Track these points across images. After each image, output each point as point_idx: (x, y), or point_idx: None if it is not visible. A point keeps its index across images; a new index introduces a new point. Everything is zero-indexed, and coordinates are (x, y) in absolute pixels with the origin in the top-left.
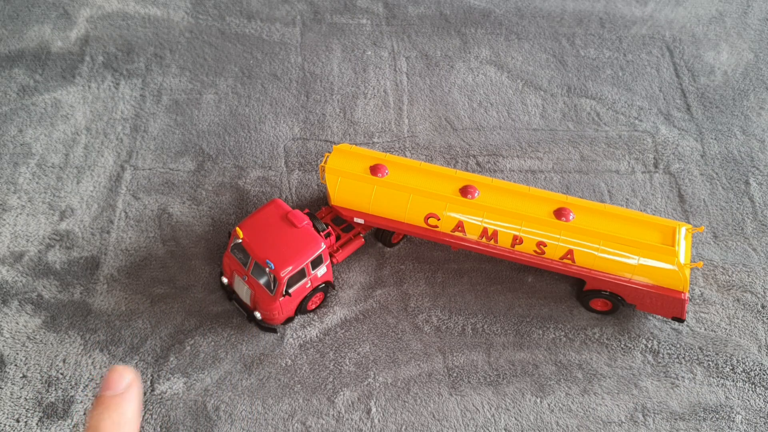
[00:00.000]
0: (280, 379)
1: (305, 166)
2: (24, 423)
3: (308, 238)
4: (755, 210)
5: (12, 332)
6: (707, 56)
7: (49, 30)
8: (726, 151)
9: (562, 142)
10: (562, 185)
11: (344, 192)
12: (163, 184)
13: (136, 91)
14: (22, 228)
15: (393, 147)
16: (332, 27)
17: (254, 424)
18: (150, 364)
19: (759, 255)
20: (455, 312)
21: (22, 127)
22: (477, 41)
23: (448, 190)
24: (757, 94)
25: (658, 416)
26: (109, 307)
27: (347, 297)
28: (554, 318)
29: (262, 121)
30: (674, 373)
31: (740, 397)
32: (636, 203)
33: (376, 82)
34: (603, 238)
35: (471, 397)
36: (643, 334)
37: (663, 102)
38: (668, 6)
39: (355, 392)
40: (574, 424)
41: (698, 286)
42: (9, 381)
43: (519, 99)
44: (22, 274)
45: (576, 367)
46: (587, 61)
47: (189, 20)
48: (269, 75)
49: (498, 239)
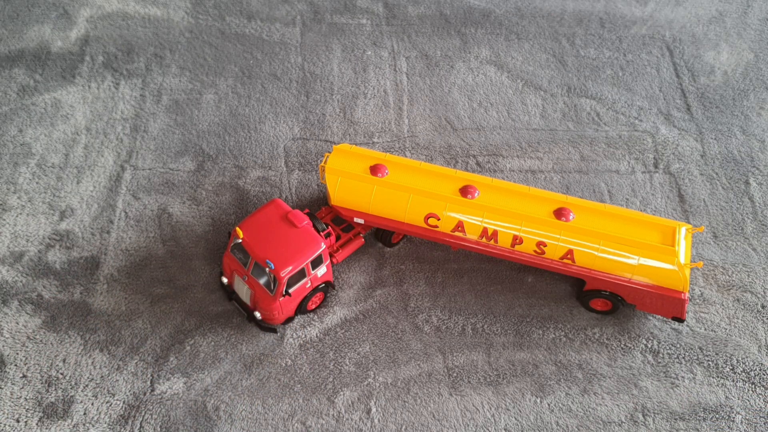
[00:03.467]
0: (280, 379)
1: (305, 166)
2: (24, 423)
3: (308, 238)
4: (755, 210)
5: (12, 332)
6: (707, 56)
7: (49, 30)
8: (726, 151)
9: (562, 142)
10: (562, 185)
11: (344, 192)
12: (163, 184)
13: (136, 91)
14: (22, 228)
15: (393, 147)
16: (332, 27)
17: (254, 424)
18: (150, 364)
19: (759, 255)
20: (455, 312)
21: (22, 127)
22: (477, 41)
23: (448, 190)
24: (757, 94)
25: (658, 416)
26: (109, 307)
27: (347, 297)
28: (554, 318)
29: (262, 121)
30: (674, 373)
31: (740, 397)
32: (636, 203)
33: (376, 82)
34: (603, 238)
35: (471, 397)
36: (643, 334)
37: (663, 102)
38: (668, 6)
39: (355, 392)
40: (574, 424)
41: (698, 286)
42: (9, 381)
43: (519, 99)
44: (22, 274)
45: (576, 367)
46: (587, 61)
47: (189, 20)
48: (269, 75)
49: (498, 239)
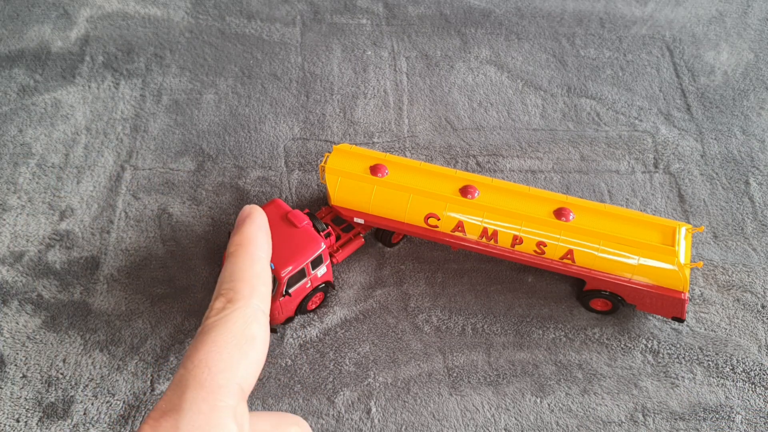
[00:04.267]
0: (280, 379)
1: (305, 166)
2: (24, 423)
3: (308, 238)
4: (755, 210)
5: (12, 332)
6: (707, 56)
7: (49, 30)
8: (726, 151)
9: (562, 142)
10: (562, 185)
11: (344, 192)
12: (163, 184)
13: (136, 91)
14: (22, 228)
15: (393, 147)
16: (332, 27)
17: None
18: (150, 364)
19: (759, 255)
20: (455, 312)
21: (22, 127)
22: (477, 41)
23: (448, 190)
24: (757, 94)
25: (658, 416)
26: (109, 307)
27: (347, 297)
28: (554, 318)
29: (262, 121)
30: (674, 373)
31: (740, 397)
32: (636, 203)
33: (376, 82)
34: (603, 238)
35: (471, 397)
36: (643, 334)
37: (663, 102)
38: (668, 6)
39: (355, 392)
40: (574, 424)
41: (698, 286)
42: (9, 381)
43: (519, 99)
44: (22, 274)
45: (576, 367)
46: (587, 61)
47: (189, 20)
48: (269, 75)
49: (498, 239)
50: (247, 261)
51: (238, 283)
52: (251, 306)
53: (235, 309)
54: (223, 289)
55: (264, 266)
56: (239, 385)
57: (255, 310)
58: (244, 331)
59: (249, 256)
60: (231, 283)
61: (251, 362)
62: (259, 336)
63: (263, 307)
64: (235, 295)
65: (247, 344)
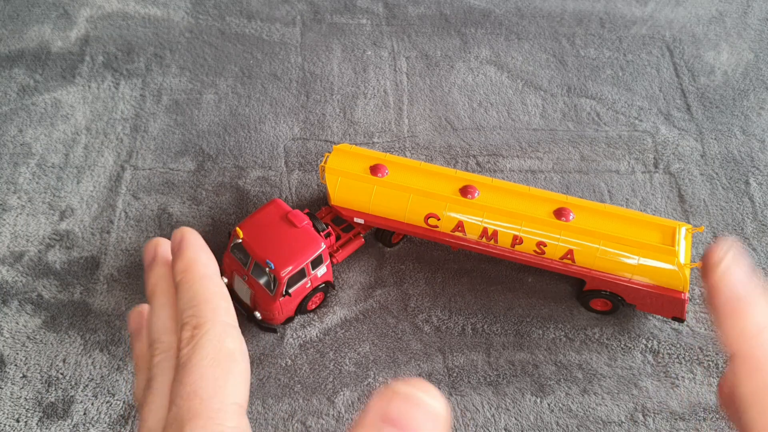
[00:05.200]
0: (280, 379)
1: (305, 166)
2: (24, 423)
3: (308, 238)
4: (755, 210)
5: (12, 332)
6: (707, 56)
7: (49, 30)
8: (726, 151)
9: (562, 142)
10: (562, 185)
11: (344, 192)
12: (163, 184)
13: (136, 91)
14: (22, 228)
15: (393, 147)
16: (332, 27)
17: (254, 424)
18: None
19: (759, 255)
20: (455, 312)
21: (22, 127)
22: (477, 41)
23: (448, 190)
24: (757, 94)
25: (658, 416)
26: (109, 307)
27: (347, 297)
28: (554, 318)
29: (262, 121)
30: (674, 373)
31: None
32: (636, 203)
33: (376, 82)
34: (603, 238)
35: (471, 397)
36: (643, 334)
37: (663, 102)
38: (668, 6)
39: (355, 392)
40: (574, 424)
41: (698, 286)
42: (9, 381)
43: (519, 99)
44: (22, 274)
45: (576, 367)
46: (587, 61)
47: (189, 20)
48: (269, 75)
49: (498, 239)
50: (198, 283)
51: (197, 307)
52: (218, 324)
53: (204, 333)
54: (185, 317)
55: (216, 282)
56: (235, 404)
57: (224, 326)
58: (220, 350)
59: (199, 278)
60: (191, 310)
61: (237, 377)
62: (237, 349)
63: (230, 321)
64: (198, 320)
65: (228, 361)
